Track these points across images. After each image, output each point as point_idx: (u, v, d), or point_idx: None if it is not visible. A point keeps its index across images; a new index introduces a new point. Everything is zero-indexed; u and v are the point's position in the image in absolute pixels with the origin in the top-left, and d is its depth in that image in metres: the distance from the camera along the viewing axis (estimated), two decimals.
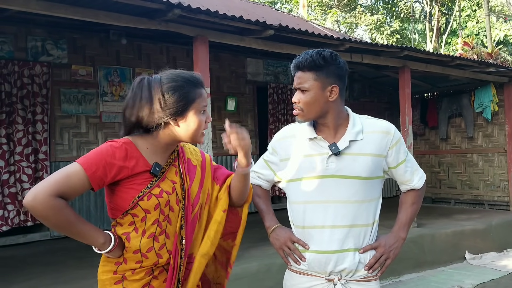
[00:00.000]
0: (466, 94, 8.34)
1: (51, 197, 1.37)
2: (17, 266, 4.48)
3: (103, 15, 3.77)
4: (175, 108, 1.50)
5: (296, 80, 1.71)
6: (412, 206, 1.85)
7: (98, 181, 1.45)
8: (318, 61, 1.66)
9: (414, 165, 1.85)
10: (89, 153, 1.48)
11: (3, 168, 5.19)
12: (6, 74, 5.28)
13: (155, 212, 1.50)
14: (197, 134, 1.56)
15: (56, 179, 1.40)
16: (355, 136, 1.71)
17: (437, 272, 5.44)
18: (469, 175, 8.45)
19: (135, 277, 1.52)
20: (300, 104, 1.69)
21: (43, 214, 1.39)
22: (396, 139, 1.76)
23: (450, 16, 19.31)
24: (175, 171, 1.59)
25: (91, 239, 1.48)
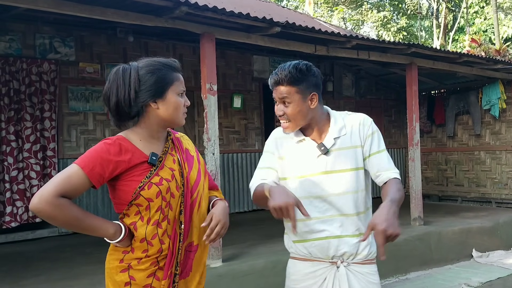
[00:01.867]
0: (473, 91, 8.29)
1: (55, 197, 1.45)
2: (26, 262, 4.52)
3: (110, 12, 3.79)
4: (154, 90, 1.56)
5: (277, 94, 1.82)
6: (398, 192, 1.71)
7: (98, 178, 1.51)
8: (296, 75, 1.78)
9: (390, 161, 1.88)
10: (85, 153, 1.54)
11: (11, 165, 5.23)
12: (15, 71, 5.32)
13: (157, 200, 1.56)
14: (178, 115, 1.63)
15: (57, 181, 1.48)
16: (339, 132, 1.85)
17: (444, 270, 5.43)
18: (476, 172, 8.41)
19: (141, 266, 1.57)
20: (286, 116, 1.82)
21: (51, 214, 1.46)
22: (371, 130, 1.86)
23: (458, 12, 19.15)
24: (172, 159, 1.64)
25: (101, 231, 1.54)
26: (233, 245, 4.84)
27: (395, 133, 9.47)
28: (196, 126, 6.81)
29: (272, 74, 1.85)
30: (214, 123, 4.19)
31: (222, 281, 4.00)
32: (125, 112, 1.58)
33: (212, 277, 3.97)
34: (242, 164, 7.30)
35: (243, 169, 7.31)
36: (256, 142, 7.49)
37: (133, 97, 1.55)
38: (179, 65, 1.66)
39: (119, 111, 1.57)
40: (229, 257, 4.37)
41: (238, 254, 4.54)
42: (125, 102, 1.55)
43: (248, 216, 7.02)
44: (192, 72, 6.68)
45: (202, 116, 6.67)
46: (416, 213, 6.00)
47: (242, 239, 5.23)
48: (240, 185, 7.26)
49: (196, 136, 6.81)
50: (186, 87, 1.68)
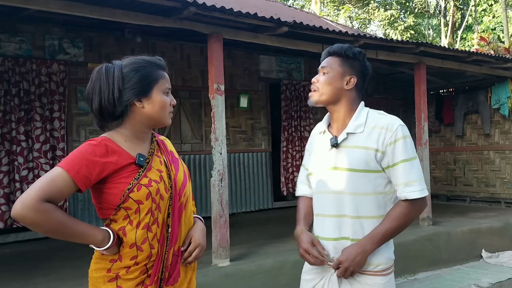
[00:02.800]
0: (482, 90, 8.23)
1: (38, 202, 1.36)
2: (37, 260, 4.57)
3: (119, 13, 3.81)
4: (139, 88, 1.52)
5: (323, 63, 1.85)
6: (392, 222, 1.69)
7: (84, 180, 1.43)
8: (348, 51, 1.81)
9: (414, 174, 1.70)
10: (69, 155, 1.47)
11: (22, 165, 5.28)
12: (25, 72, 5.37)
13: (147, 202, 1.50)
14: (164, 115, 1.58)
15: (40, 185, 1.39)
16: (355, 129, 1.76)
17: (453, 270, 5.39)
18: (485, 172, 8.34)
19: (130, 276, 1.50)
20: (317, 84, 1.82)
21: (34, 220, 1.36)
22: (396, 137, 1.70)
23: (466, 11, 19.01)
24: (159, 160, 1.59)
25: (89, 238, 1.45)
26: (240, 244, 4.85)
27: None
28: (203, 126, 6.83)
29: None
30: (221, 123, 4.21)
31: (229, 281, 4.02)
32: (108, 112, 1.52)
33: (220, 276, 3.99)
34: (248, 164, 7.31)
35: (250, 169, 7.32)
36: (263, 142, 7.50)
37: (117, 96, 1.49)
38: (164, 63, 1.62)
39: (103, 111, 1.51)
40: (236, 257, 4.38)
41: (246, 254, 4.55)
42: (108, 101, 1.49)
43: (255, 216, 7.03)
44: (199, 72, 6.70)
45: (209, 116, 6.68)
46: (425, 213, 5.97)
47: (250, 239, 5.24)
48: (246, 185, 7.27)
49: (203, 136, 6.83)
50: (193, 88, 1.67)
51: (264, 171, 7.46)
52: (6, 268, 4.28)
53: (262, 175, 7.43)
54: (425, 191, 1.71)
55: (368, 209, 1.72)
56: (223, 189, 4.16)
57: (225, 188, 4.18)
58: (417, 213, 1.74)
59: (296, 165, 7.70)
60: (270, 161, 7.57)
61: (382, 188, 1.73)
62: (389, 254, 1.75)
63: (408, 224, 1.72)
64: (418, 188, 1.68)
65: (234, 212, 6.94)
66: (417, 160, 1.72)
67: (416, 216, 1.74)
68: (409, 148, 1.71)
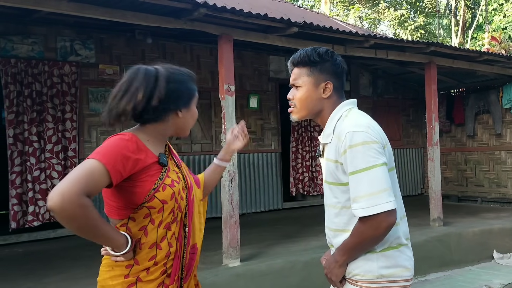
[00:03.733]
0: (493, 90, 8.15)
1: (80, 196, 1.30)
2: (48, 260, 4.62)
3: (130, 15, 3.85)
4: (184, 99, 1.58)
5: (291, 76, 1.72)
6: (351, 237, 1.59)
7: (118, 175, 1.39)
8: (312, 56, 1.66)
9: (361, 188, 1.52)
10: (102, 148, 1.41)
11: (34, 165, 5.35)
12: (37, 73, 5.44)
13: (171, 202, 1.51)
14: (192, 125, 1.67)
15: (79, 177, 1.32)
16: (326, 139, 1.68)
17: (464, 271, 5.35)
18: (497, 173, 8.26)
19: (151, 277, 1.49)
20: (294, 101, 1.71)
21: (73, 215, 1.30)
22: (344, 147, 1.55)
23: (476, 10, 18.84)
24: (173, 162, 1.63)
25: (113, 240, 1.43)
26: (250, 245, 4.86)
27: (413, 133, 9.37)
28: (213, 127, 6.85)
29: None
30: (232, 123, 4.22)
31: (240, 281, 4.03)
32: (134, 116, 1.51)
33: (231, 276, 4.00)
34: (258, 164, 7.32)
35: (260, 169, 7.32)
36: (273, 142, 7.50)
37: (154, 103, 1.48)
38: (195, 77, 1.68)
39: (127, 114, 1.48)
40: (247, 257, 4.39)
41: (256, 254, 4.56)
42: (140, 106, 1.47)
43: (265, 216, 7.04)
44: (209, 73, 6.72)
45: (219, 117, 6.69)
46: (436, 213, 5.93)
47: (260, 239, 5.25)
48: (256, 185, 7.27)
49: (213, 136, 6.86)
50: (203, 88, 1.71)
51: (274, 172, 7.46)
52: (18, 267, 4.34)
53: (272, 176, 7.43)
54: (376, 208, 1.49)
55: (339, 222, 1.66)
56: (233, 189, 4.17)
57: (235, 188, 4.19)
58: (373, 232, 1.53)
59: (306, 166, 7.69)
60: (280, 161, 7.57)
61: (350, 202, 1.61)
62: (368, 266, 1.61)
63: (368, 242, 1.56)
64: (364, 205, 1.51)
65: (244, 213, 6.95)
66: (369, 171, 1.51)
67: (373, 234, 1.53)
68: (358, 158, 1.52)
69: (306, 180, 7.68)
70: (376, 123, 1.67)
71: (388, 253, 1.62)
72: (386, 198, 1.51)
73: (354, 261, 1.64)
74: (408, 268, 1.66)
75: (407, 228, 1.72)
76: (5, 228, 5.34)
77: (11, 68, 5.27)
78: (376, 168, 1.52)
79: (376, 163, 1.53)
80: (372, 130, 1.58)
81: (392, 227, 1.55)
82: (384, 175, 1.53)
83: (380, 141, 1.59)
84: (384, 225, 1.52)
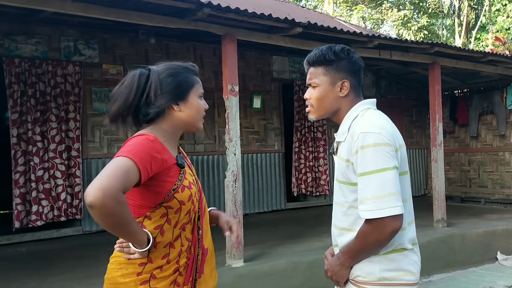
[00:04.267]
0: (497, 90, 8.13)
1: (119, 192, 1.34)
2: (52, 259, 4.62)
3: (135, 15, 3.85)
4: (177, 92, 1.56)
5: (307, 76, 1.72)
6: (356, 239, 1.59)
7: (146, 175, 1.42)
8: (328, 55, 1.65)
9: (369, 190, 1.51)
10: (130, 148, 1.43)
11: (37, 165, 5.36)
12: (41, 73, 5.45)
13: (188, 203, 1.54)
14: (198, 119, 1.63)
15: (117, 174, 1.35)
16: (340, 137, 1.67)
17: (467, 272, 5.33)
18: (500, 173, 8.23)
19: (164, 273, 1.51)
20: (311, 100, 1.70)
21: (111, 210, 1.32)
22: (356, 147, 1.54)
23: (480, 11, 18.79)
24: (187, 165, 1.64)
25: (139, 237, 1.44)
26: (253, 245, 4.86)
27: (416, 134, 9.35)
28: (216, 127, 6.85)
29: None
30: (235, 123, 4.22)
31: (243, 281, 4.02)
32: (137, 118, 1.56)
33: (234, 277, 4.00)
34: (261, 165, 7.32)
35: (263, 170, 7.32)
36: (276, 143, 7.49)
37: (153, 99, 1.52)
38: (197, 69, 1.67)
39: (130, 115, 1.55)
40: (250, 257, 4.39)
41: (259, 255, 4.55)
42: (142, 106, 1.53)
43: (268, 217, 7.03)
44: (212, 73, 6.73)
45: (222, 117, 6.70)
46: (439, 214, 5.92)
47: (263, 240, 5.24)
48: (260, 185, 7.27)
49: (216, 136, 6.86)
50: (206, 88, 1.69)
51: (277, 172, 7.45)
52: (22, 267, 4.34)
53: (275, 176, 7.43)
54: (382, 212, 1.48)
55: (345, 221, 1.65)
56: (237, 189, 4.17)
57: (239, 188, 4.19)
58: (377, 235, 1.51)
59: (309, 166, 7.68)
60: (283, 162, 7.56)
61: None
62: (370, 268, 1.59)
63: (372, 245, 1.55)
64: (370, 208, 1.49)
65: (246, 213, 6.94)
66: (379, 174, 1.49)
67: (377, 238, 1.52)
68: (368, 159, 1.51)
69: (309, 180, 7.67)
70: (392, 125, 1.64)
71: (391, 256, 1.60)
72: (394, 203, 1.49)
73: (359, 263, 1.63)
74: (412, 272, 1.63)
75: (415, 234, 1.69)
76: (9, 228, 5.35)
77: (15, 68, 5.28)
78: (386, 172, 1.50)
79: (387, 167, 1.51)
80: (385, 132, 1.56)
81: (397, 232, 1.53)
82: (393, 179, 1.51)
83: (393, 143, 1.56)
84: (388, 229, 1.50)
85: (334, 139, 1.75)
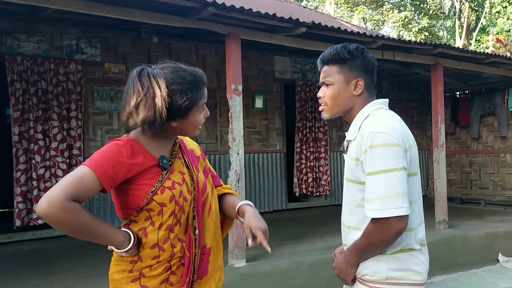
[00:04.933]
0: (499, 92, 8.13)
1: (66, 201, 1.34)
2: (53, 258, 4.61)
3: (138, 13, 3.84)
4: (178, 111, 1.49)
5: (321, 74, 1.72)
6: (361, 238, 1.60)
7: (109, 181, 1.42)
8: (342, 54, 1.65)
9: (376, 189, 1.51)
10: (94, 155, 1.45)
11: (39, 163, 5.34)
12: (43, 72, 5.43)
13: (171, 205, 1.50)
14: (195, 131, 1.59)
15: (68, 183, 1.37)
16: (350, 136, 1.68)
17: (469, 274, 5.33)
18: (501, 175, 8.23)
19: (153, 272, 1.50)
20: (324, 99, 1.70)
21: (60, 219, 1.35)
22: (366, 146, 1.55)
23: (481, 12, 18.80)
24: (181, 162, 1.59)
25: (110, 239, 1.45)
26: None
27: (417, 135, 9.33)
28: (218, 126, 6.84)
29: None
30: (239, 123, 4.21)
31: (246, 281, 4.01)
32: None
33: (236, 276, 3.99)
34: (263, 164, 7.30)
35: (264, 169, 7.31)
36: (278, 143, 7.48)
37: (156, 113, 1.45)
38: (205, 78, 1.57)
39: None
40: (252, 257, 4.38)
41: (261, 255, 4.54)
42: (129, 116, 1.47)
43: (269, 217, 7.00)
44: (214, 72, 6.72)
45: (224, 117, 6.70)
46: (441, 216, 5.92)
47: None
48: (261, 185, 7.26)
49: (218, 136, 6.84)
50: (208, 88, 1.59)
51: (278, 172, 7.44)
52: (23, 265, 4.33)
53: (276, 176, 7.42)
54: (387, 212, 1.48)
55: (353, 220, 1.67)
56: (240, 189, 4.15)
57: (242, 188, 4.18)
58: (382, 234, 1.52)
59: (310, 166, 7.67)
60: (285, 162, 7.55)
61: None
62: (377, 267, 1.60)
63: (377, 244, 1.55)
64: (376, 207, 1.50)
65: None
66: (386, 174, 1.50)
67: (382, 238, 1.52)
68: (377, 159, 1.51)
69: (310, 180, 7.66)
70: (403, 126, 1.64)
71: (398, 256, 1.60)
72: (399, 204, 1.49)
73: (364, 261, 1.64)
74: (419, 272, 1.63)
75: (424, 234, 1.69)
76: (10, 226, 5.33)
77: (17, 66, 5.27)
78: (394, 172, 1.51)
79: (395, 167, 1.51)
80: (395, 133, 1.56)
81: (402, 233, 1.53)
82: (401, 180, 1.51)
83: (403, 144, 1.56)
84: (393, 230, 1.50)
85: (335, 140, 1.77)
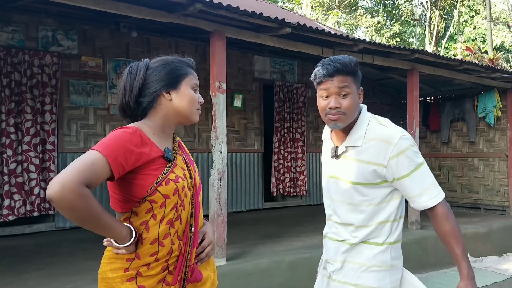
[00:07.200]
0: (469, 98, 8.42)
1: (80, 186, 1.30)
2: (25, 256, 4.45)
3: (123, 7, 3.75)
4: (167, 79, 1.55)
5: (334, 84, 1.72)
6: (452, 230, 1.72)
7: (119, 168, 1.39)
8: (352, 65, 1.76)
9: (424, 182, 1.70)
10: (105, 140, 1.41)
11: (10, 158, 5.14)
12: (16, 63, 5.24)
13: (174, 197, 1.49)
14: (192, 110, 1.59)
15: (80, 167, 1.32)
16: (354, 142, 1.77)
17: (440, 273, 5.50)
18: (469, 179, 8.54)
19: (151, 272, 1.47)
20: (342, 109, 1.72)
21: (72, 204, 1.30)
22: (398, 150, 1.69)
23: (450, 21, 19.46)
24: (182, 159, 1.60)
25: (115, 232, 1.42)
26: (234, 244, 4.84)
27: None
28: (196, 124, 6.78)
29: (322, 65, 1.74)
30: (222, 121, 4.19)
31: (227, 280, 4.00)
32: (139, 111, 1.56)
33: (217, 275, 3.96)
34: (241, 164, 7.30)
35: (242, 169, 7.30)
36: (256, 142, 7.49)
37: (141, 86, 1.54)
38: (193, 64, 1.65)
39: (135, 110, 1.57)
40: (232, 256, 4.36)
41: (241, 254, 4.54)
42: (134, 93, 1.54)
43: (246, 216, 7.02)
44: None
45: (202, 115, 6.63)
46: (414, 217, 6.08)
47: (242, 239, 5.23)
48: (238, 185, 7.25)
49: (196, 134, 6.79)
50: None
51: (256, 172, 7.45)
52: None
53: (254, 176, 7.42)
54: (442, 193, 1.73)
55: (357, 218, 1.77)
56: (222, 188, 4.13)
57: (224, 187, 4.16)
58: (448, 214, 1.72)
59: (288, 166, 7.72)
60: (262, 161, 7.57)
61: (378, 200, 1.76)
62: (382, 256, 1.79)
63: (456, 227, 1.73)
64: (434, 194, 1.71)
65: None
66: (423, 166, 1.71)
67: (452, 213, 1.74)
68: (413, 158, 1.70)
69: (287, 180, 7.71)
70: None
71: (396, 245, 1.81)
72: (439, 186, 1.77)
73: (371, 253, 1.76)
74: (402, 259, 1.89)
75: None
76: None
77: None
78: (425, 164, 1.75)
79: (423, 160, 1.76)
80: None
81: None
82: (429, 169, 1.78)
83: None
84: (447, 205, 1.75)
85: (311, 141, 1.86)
